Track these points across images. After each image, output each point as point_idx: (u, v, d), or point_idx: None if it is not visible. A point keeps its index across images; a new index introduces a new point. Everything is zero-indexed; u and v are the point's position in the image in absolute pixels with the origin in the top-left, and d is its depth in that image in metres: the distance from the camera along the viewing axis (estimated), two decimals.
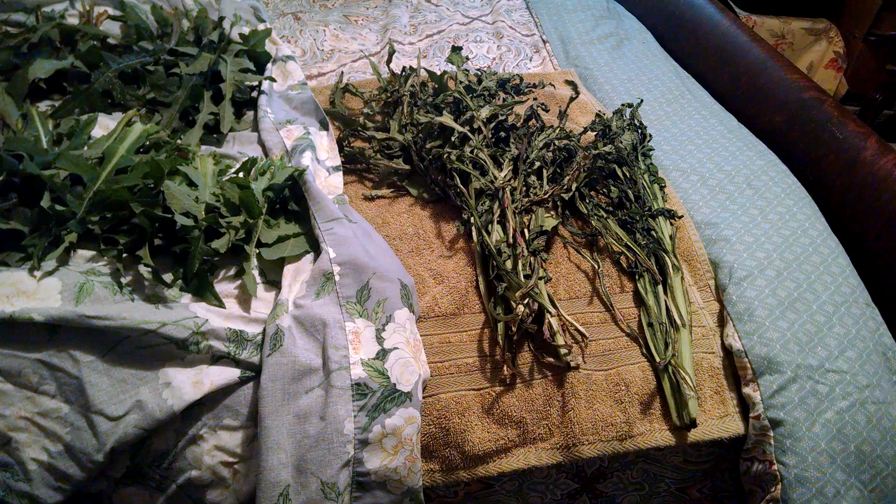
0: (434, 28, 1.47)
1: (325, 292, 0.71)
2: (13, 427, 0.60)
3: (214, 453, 0.66)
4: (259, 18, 1.29)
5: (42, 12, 1.09)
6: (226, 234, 0.74)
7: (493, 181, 0.86)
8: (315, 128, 0.98)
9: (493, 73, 1.15)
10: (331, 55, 1.34)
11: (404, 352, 0.68)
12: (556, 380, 0.75)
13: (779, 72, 1.15)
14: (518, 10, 1.57)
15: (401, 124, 1.01)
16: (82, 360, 0.63)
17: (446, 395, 0.73)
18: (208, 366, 0.67)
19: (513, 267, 0.77)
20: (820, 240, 0.89)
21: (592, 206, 0.92)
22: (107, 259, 0.72)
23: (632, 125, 1.04)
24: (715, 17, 1.37)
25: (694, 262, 0.88)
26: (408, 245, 0.87)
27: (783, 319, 0.79)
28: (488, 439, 0.72)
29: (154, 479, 0.66)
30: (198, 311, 0.68)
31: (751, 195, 0.96)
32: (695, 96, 1.23)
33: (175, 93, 0.97)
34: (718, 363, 0.79)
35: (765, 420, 0.73)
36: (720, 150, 1.06)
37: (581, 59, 1.36)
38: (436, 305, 0.79)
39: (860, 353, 0.77)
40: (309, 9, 1.52)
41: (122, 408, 0.63)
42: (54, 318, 0.62)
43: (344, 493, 0.62)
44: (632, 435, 0.73)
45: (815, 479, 0.70)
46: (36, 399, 0.62)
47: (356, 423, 0.63)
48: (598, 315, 0.81)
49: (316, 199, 0.80)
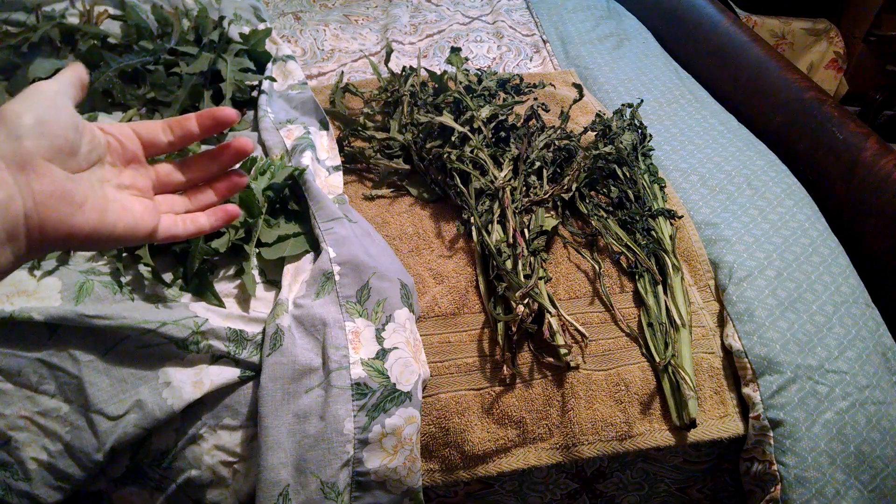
0: (434, 28, 1.47)
1: (325, 292, 0.71)
2: (13, 426, 0.60)
3: (214, 453, 0.66)
4: (259, 18, 1.29)
5: (42, 12, 1.09)
6: (226, 233, 0.74)
7: (493, 181, 0.86)
8: (315, 127, 0.98)
9: (493, 73, 1.15)
10: (331, 55, 1.34)
11: (404, 351, 0.68)
12: (556, 380, 0.75)
13: (779, 72, 1.16)
14: (518, 10, 1.57)
15: (401, 124, 1.01)
16: (82, 360, 0.63)
17: (446, 394, 0.73)
18: (208, 365, 0.67)
19: (513, 267, 0.77)
20: (820, 240, 0.89)
21: (592, 206, 0.92)
22: (106, 258, 0.72)
23: (632, 125, 1.04)
24: (715, 17, 1.37)
25: (694, 262, 0.88)
26: (408, 245, 0.87)
27: (783, 320, 0.79)
28: (488, 439, 0.72)
29: (154, 479, 0.66)
30: (198, 311, 0.68)
31: (751, 195, 0.96)
32: (695, 96, 1.23)
33: (175, 92, 0.97)
34: (718, 363, 0.79)
35: (765, 420, 0.73)
36: (720, 150, 1.06)
37: (581, 59, 1.36)
38: (436, 305, 0.79)
39: (860, 353, 0.77)
40: (309, 8, 1.52)
41: (121, 407, 0.63)
42: (54, 317, 0.62)
43: (344, 493, 0.62)
44: (632, 435, 0.73)
45: (815, 479, 0.70)
46: (36, 398, 0.62)
47: (356, 422, 0.63)
48: (598, 315, 0.81)
49: (316, 199, 0.80)
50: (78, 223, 0.37)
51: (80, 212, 0.37)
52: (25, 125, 0.35)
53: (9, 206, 0.33)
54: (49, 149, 0.36)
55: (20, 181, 0.34)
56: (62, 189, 0.36)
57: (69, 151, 0.37)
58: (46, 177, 0.35)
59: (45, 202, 0.35)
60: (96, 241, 0.38)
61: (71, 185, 0.37)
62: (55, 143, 0.36)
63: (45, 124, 0.36)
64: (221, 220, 0.45)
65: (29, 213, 0.34)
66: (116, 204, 0.39)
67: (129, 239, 0.39)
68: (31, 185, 0.35)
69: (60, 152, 0.37)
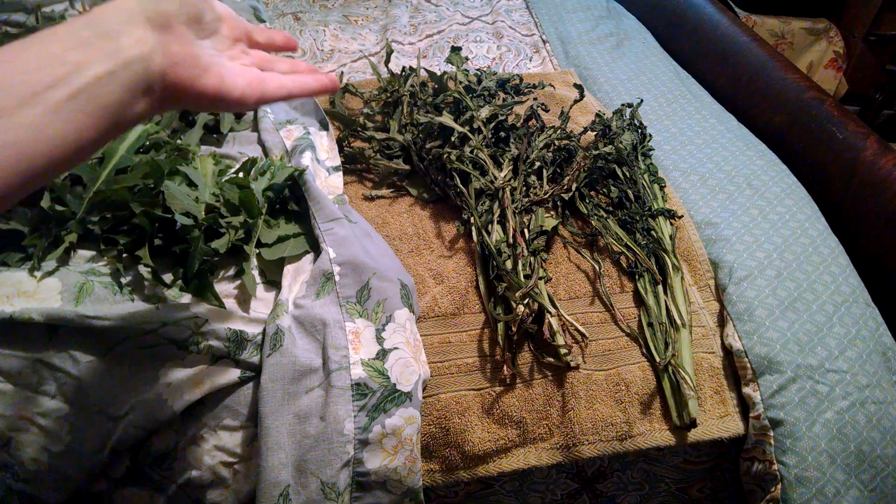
0: (434, 28, 1.47)
1: (325, 292, 0.71)
2: (13, 427, 0.60)
3: (214, 453, 0.66)
4: (259, 19, 1.29)
5: (42, 12, 1.09)
6: (226, 234, 0.74)
7: (493, 181, 0.86)
8: (315, 128, 0.98)
9: (492, 74, 1.15)
10: (331, 55, 1.34)
11: (404, 352, 0.68)
12: (556, 380, 0.75)
13: (779, 72, 1.16)
14: (518, 10, 1.57)
15: (401, 124, 1.01)
16: (82, 361, 0.63)
17: (446, 395, 0.73)
18: (208, 366, 0.67)
19: (513, 267, 0.77)
20: (820, 240, 0.89)
21: (592, 206, 0.92)
22: (107, 259, 0.72)
23: (632, 125, 1.04)
24: (715, 17, 1.37)
25: (694, 262, 0.88)
26: (408, 245, 0.87)
27: (783, 319, 0.79)
28: (488, 439, 0.72)
29: (154, 480, 0.66)
30: (198, 311, 0.68)
31: (751, 195, 0.96)
32: (695, 96, 1.23)
33: None
34: (718, 363, 0.79)
35: (765, 420, 0.73)
36: (720, 150, 1.06)
37: (581, 59, 1.36)
38: (436, 305, 0.79)
39: (860, 353, 0.77)
40: (309, 9, 1.52)
41: (122, 408, 0.63)
42: (54, 318, 0.62)
43: (344, 493, 0.62)
44: (632, 435, 0.73)
45: (815, 479, 0.70)
46: (36, 399, 0.62)
47: (356, 423, 0.63)
48: (598, 315, 0.81)
49: (316, 199, 0.80)
50: (204, 85, 0.41)
51: (205, 75, 0.41)
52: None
53: (150, 61, 0.37)
54: (185, 14, 0.41)
55: (161, 40, 0.38)
56: (193, 52, 0.40)
57: (197, 18, 0.42)
58: (182, 39, 0.40)
59: (179, 62, 0.39)
60: (217, 102, 0.42)
61: (198, 49, 0.41)
62: (189, 10, 0.41)
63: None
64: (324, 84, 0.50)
65: (165, 70, 0.38)
66: (232, 70, 0.43)
67: (244, 103, 0.44)
68: (170, 45, 0.38)
69: (192, 18, 0.41)
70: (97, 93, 0.35)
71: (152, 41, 0.37)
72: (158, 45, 0.38)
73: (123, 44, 0.36)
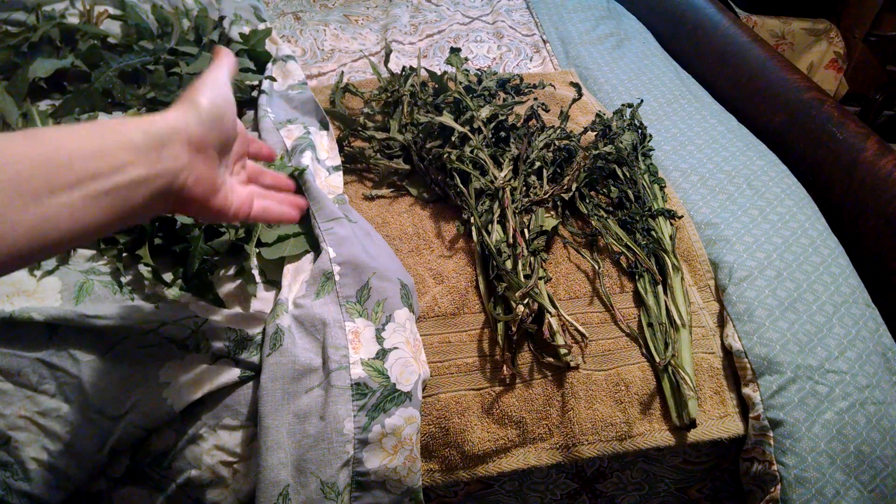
0: (434, 28, 1.47)
1: (325, 292, 0.71)
2: (13, 426, 0.60)
3: (214, 453, 0.66)
4: (259, 18, 1.29)
5: (42, 11, 1.09)
6: (226, 233, 0.74)
7: (493, 181, 0.86)
8: (315, 127, 0.98)
9: (493, 74, 1.15)
10: (331, 55, 1.34)
11: (404, 352, 0.68)
12: (556, 380, 0.75)
13: (779, 72, 1.16)
14: (518, 10, 1.57)
15: (401, 124, 1.01)
16: (82, 360, 0.63)
17: (446, 395, 0.73)
18: (208, 365, 0.67)
19: (513, 267, 0.77)
20: (820, 240, 0.89)
21: (592, 206, 0.92)
22: (107, 258, 0.72)
23: (632, 125, 1.04)
24: (715, 17, 1.37)
25: (694, 262, 0.88)
26: (408, 245, 0.87)
27: (783, 320, 0.79)
28: (488, 439, 0.72)
29: (154, 479, 0.66)
30: (198, 311, 0.68)
31: (751, 195, 0.96)
32: (695, 96, 1.23)
33: (175, 92, 0.97)
34: (718, 363, 0.79)
35: (764, 420, 0.73)
36: (720, 151, 1.06)
37: (581, 59, 1.36)
38: (436, 305, 0.79)
39: (860, 353, 0.77)
40: (309, 8, 1.52)
41: (121, 407, 0.63)
42: (54, 317, 0.62)
43: (343, 493, 0.62)
44: (632, 435, 0.73)
45: (815, 479, 0.70)
46: (36, 398, 0.62)
47: (356, 422, 0.63)
48: (598, 315, 0.81)
49: (316, 199, 0.80)
50: (212, 203, 0.45)
51: (216, 195, 0.45)
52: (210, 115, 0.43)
53: (177, 176, 0.40)
54: (219, 142, 0.44)
55: (192, 159, 0.41)
56: (212, 175, 0.44)
57: (226, 146, 0.46)
58: (207, 162, 0.43)
59: (199, 182, 0.42)
60: (216, 218, 0.46)
61: (216, 172, 0.45)
62: (222, 138, 0.45)
63: (222, 119, 0.44)
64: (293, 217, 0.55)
65: (187, 186, 0.41)
66: (233, 189, 0.48)
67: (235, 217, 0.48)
68: (197, 166, 0.42)
69: (223, 145, 0.45)
70: (128, 193, 0.38)
71: (185, 159, 0.41)
72: (188, 164, 0.41)
73: (164, 155, 0.39)
